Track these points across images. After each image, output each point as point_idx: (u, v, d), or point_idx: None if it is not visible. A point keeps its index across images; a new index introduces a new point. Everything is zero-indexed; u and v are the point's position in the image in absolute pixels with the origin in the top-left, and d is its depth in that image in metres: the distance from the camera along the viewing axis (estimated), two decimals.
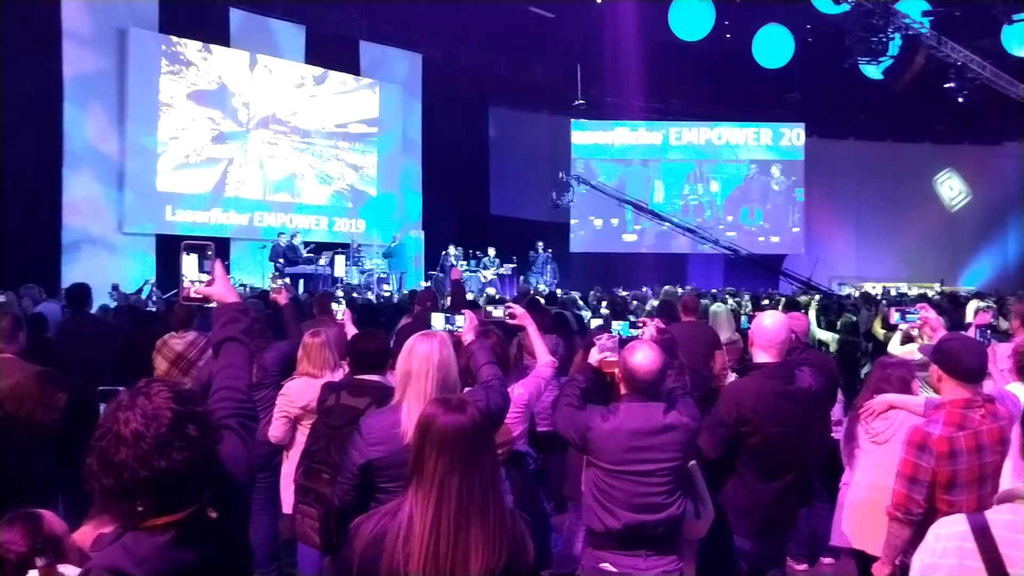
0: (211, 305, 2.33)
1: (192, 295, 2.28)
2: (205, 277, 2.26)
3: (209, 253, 2.27)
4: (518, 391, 3.75)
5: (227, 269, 2.37)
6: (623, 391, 3.19)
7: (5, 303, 7.28)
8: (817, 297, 12.76)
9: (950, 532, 1.91)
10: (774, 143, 23.28)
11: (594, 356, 3.40)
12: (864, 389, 3.99)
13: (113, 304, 10.37)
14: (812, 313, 8.51)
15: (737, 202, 23.31)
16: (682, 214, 22.53)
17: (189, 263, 2.26)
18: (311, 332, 4.50)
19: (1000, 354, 4.32)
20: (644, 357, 3.09)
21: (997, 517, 1.87)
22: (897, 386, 3.70)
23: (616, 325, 3.73)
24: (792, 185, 23.22)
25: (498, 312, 4.03)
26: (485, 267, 16.88)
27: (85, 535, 2.27)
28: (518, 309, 4.01)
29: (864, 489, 3.68)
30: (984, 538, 1.85)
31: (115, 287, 11.84)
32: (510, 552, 1.93)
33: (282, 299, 5.19)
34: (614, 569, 3.05)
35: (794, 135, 23.14)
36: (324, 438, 3.45)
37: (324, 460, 3.40)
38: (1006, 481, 2.84)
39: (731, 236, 22.57)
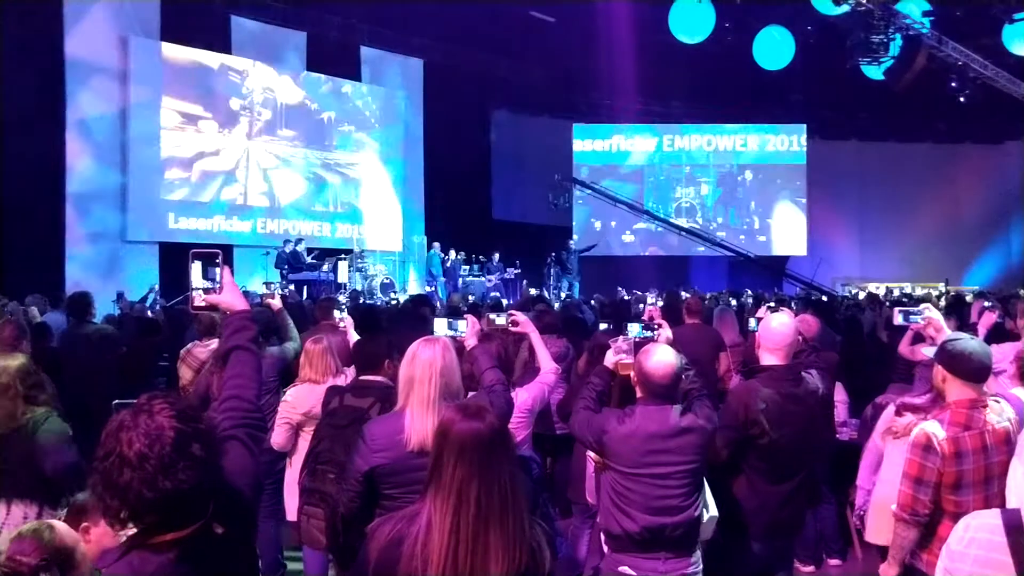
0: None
1: (199, 303, 2.28)
2: (209, 284, 2.25)
3: (217, 261, 2.26)
4: (521, 396, 3.74)
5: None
6: (639, 394, 3.19)
7: (10, 311, 7.30)
8: (824, 299, 12.78)
9: (980, 523, 1.93)
10: (776, 145, 23.25)
11: (610, 359, 3.41)
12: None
13: (116, 312, 10.39)
14: None
15: (740, 204, 23.29)
16: (683, 217, 22.51)
17: (197, 271, 2.25)
18: (313, 339, 4.50)
19: (998, 355, 4.31)
20: (660, 360, 3.09)
21: None
22: None
23: (631, 328, 3.72)
24: (794, 187, 23.19)
25: (501, 320, 4.01)
26: (489, 272, 16.88)
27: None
28: (521, 316, 4.01)
29: (885, 486, 3.64)
30: (1015, 533, 1.85)
31: (120, 295, 11.87)
32: (528, 559, 1.93)
33: (275, 304, 5.18)
34: (633, 573, 3.05)
35: (796, 137, 23.12)
36: (328, 439, 3.46)
37: (330, 460, 3.41)
38: (1012, 481, 2.84)
39: (735, 238, 22.57)
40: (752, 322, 5.58)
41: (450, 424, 1.99)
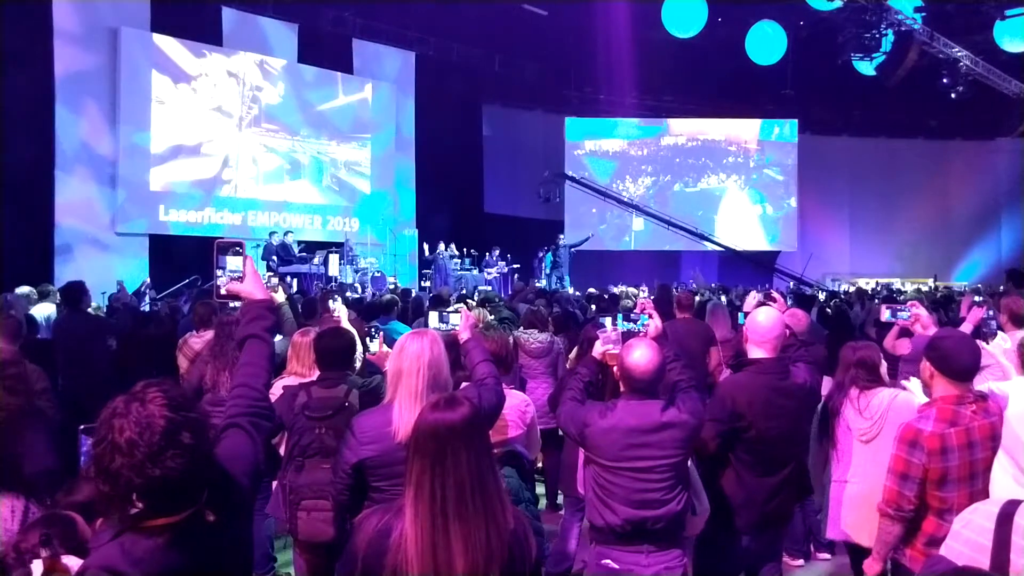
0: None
1: (223, 292, 2.34)
2: (232, 273, 2.31)
3: (240, 251, 2.33)
4: (519, 396, 3.74)
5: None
6: (622, 388, 3.19)
7: (10, 304, 7.26)
8: (822, 296, 12.86)
9: (984, 509, 2.00)
10: (767, 139, 23.29)
11: (597, 349, 3.42)
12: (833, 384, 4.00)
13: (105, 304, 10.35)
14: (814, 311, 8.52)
15: (730, 198, 23.33)
16: (674, 211, 22.54)
17: (221, 262, 2.32)
18: (300, 331, 4.48)
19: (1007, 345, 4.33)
20: (641, 356, 3.08)
21: None
22: (865, 376, 3.74)
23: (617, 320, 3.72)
24: (785, 182, 23.25)
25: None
26: (488, 265, 16.87)
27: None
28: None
29: (861, 485, 3.65)
30: (1003, 523, 1.88)
31: (120, 285, 11.84)
32: (510, 550, 1.93)
33: (277, 298, 5.18)
34: (616, 566, 3.05)
35: (787, 131, 23.17)
36: (310, 431, 3.45)
37: (320, 451, 3.40)
38: (996, 477, 2.86)
39: (724, 232, 22.63)
40: (741, 316, 5.59)
41: (422, 416, 2.01)
